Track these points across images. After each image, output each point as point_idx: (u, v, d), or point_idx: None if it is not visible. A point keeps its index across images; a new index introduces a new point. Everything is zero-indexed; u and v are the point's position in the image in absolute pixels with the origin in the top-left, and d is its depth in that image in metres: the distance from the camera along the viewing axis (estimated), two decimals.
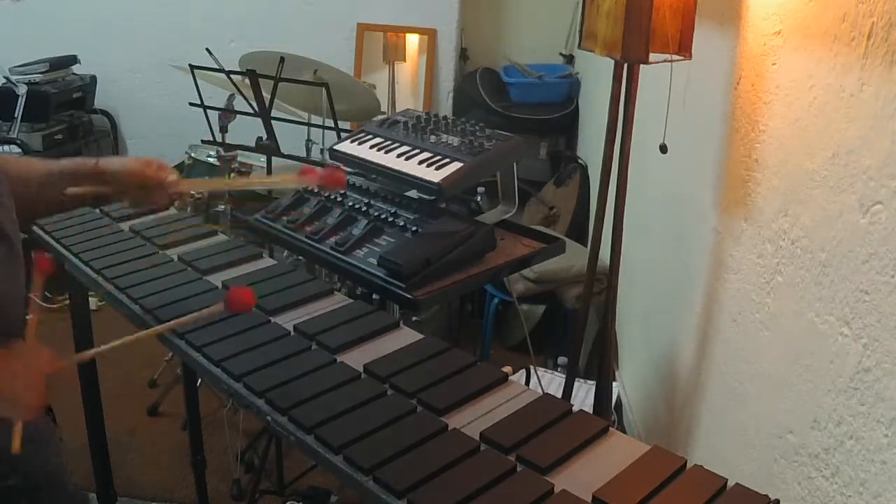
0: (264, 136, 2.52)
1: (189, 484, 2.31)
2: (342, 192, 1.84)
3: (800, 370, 1.35)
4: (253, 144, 2.52)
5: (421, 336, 1.33)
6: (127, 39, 4.34)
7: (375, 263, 1.59)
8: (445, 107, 4.30)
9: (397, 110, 2.76)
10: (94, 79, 4.30)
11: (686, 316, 2.02)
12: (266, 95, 2.49)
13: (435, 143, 1.80)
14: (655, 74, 1.70)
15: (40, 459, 1.45)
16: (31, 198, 1.33)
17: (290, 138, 2.82)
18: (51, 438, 1.51)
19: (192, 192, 1.37)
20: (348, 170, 1.78)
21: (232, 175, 2.83)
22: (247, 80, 2.50)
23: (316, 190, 1.77)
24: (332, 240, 1.69)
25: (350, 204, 1.78)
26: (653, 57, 1.62)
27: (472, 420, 1.10)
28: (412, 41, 4.28)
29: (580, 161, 3.93)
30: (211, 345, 1.29)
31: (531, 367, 2.34)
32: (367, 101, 3.04)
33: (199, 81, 2.63)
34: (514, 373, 1.23)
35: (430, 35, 4.20)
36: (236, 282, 1.50)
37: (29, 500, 1.41)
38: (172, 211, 1.91)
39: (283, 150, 2.53)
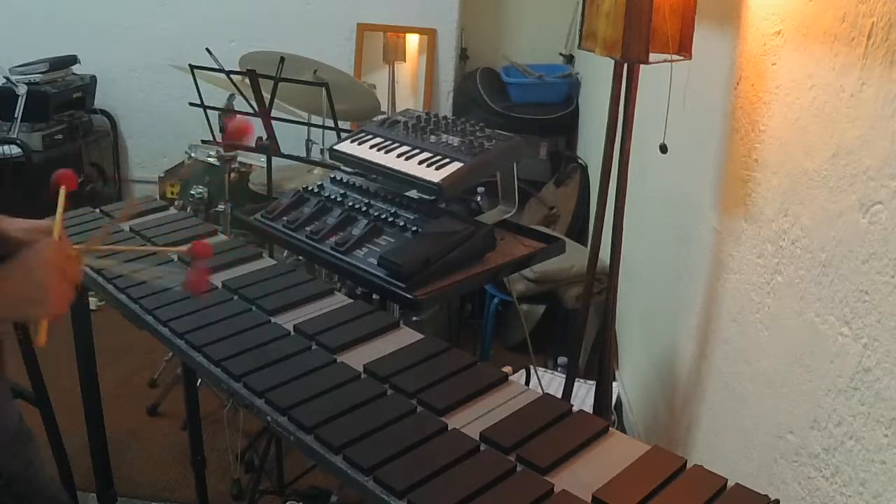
0: (264, 136, 2.52)
1: (189, 484, 2.31)
2: (342, 192, 1.84)
3: (800, 370, 1.35)
4: (253, 144, 2.51)
5: (421, 336, 1.33)
6: (127, 39, 4.33)
7: (375, 263, 1.59)
8: (445, 107, 4.30)
9: (397, 110, 2.76)
10: (94, 79, 4.30)
11: (686, 316, 2.02)
12: (266, 95, 2.49)
13: (435, 143, 1.80)
14: (655, 74, 1.70)
15: (21, 461, 1.46)
16: None
17: (290, 138, 2.82)
18: (30, 441, 1.52)
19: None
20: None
21: (232, 175, 2.83)
22: (247, 80, 2.49)
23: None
24: (332, 240, 1.69)
25: (350, 204, 1.78)
26: (653, 57, 1.62)
27: (472, 420, 1.10)
28: (412, 41, 4.28)
29: (580, 161, 3.93)
30: (211, 345, 1.29)
31: (531, 367, 2.33)
32: (367, 101, 3.04)
33: (199, 81, 2.63)
34: (514, 373, 1.23)
35: (430, 35, 4.20)
36: (236, 282, 1.50)
37: (10, 501, 1.41)
38: (172, 210, 1.91)
39: (283, 150, 2.53)
